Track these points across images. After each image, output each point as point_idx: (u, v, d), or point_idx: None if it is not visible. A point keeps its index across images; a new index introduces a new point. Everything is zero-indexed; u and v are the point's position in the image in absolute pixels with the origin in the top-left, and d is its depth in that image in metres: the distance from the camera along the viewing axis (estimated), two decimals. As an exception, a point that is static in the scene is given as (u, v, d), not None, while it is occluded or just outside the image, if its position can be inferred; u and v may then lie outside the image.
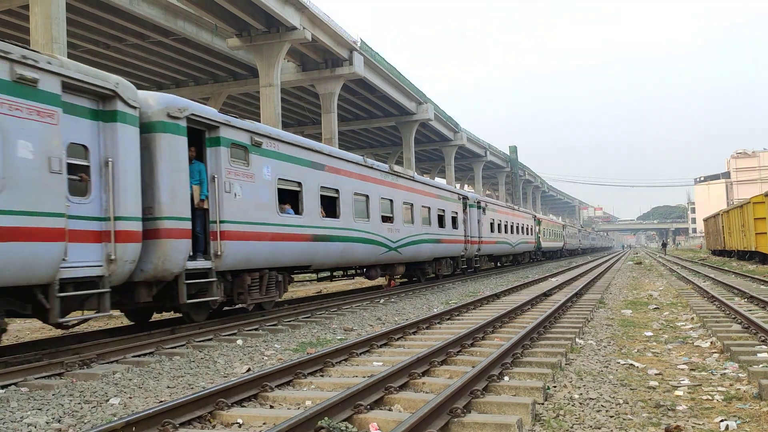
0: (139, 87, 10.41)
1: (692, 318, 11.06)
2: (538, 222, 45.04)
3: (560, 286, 17.77)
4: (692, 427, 4.77)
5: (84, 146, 7.99)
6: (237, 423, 4.96)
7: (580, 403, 5.35)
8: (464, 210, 24.64)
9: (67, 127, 7.66)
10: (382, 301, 15.09)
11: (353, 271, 17.15)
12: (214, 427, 4.97)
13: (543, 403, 5.35)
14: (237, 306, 11.68)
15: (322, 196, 13.31)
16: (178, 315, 11.24)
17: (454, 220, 23.03)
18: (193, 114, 9.62)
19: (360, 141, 61.07)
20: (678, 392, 5.81)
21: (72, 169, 7.78)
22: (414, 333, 9.45)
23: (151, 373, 7.05)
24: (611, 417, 4.99)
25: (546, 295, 14.93)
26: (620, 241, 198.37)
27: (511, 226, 33.84)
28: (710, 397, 5.61)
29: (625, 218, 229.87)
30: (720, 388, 5.91)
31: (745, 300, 13.19)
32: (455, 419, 4.68)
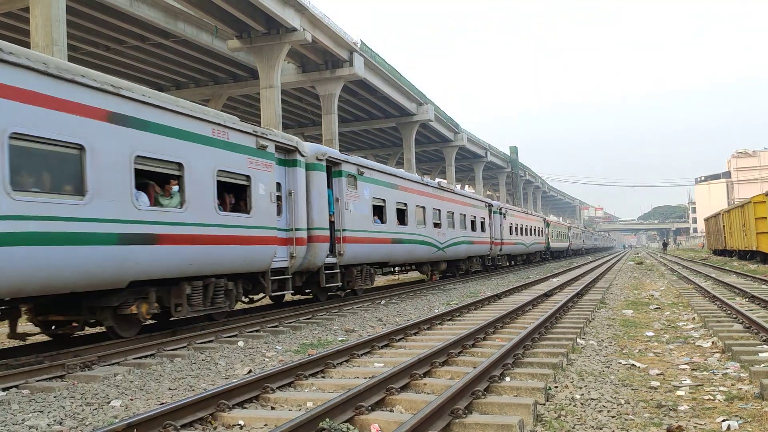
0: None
1: (693, 318, 11.05)
2: (548, 224, 49.12)
3: (561, 287, 17.76)
4: (694, 427, 4.76)
5: (279, 183, 12.00)
6: (238, 424, 4.96)
7: (582, 404, 5.35)
8: (489, 215, 29.07)
9: (276, 172, 11.67)
10: (383, 302, 15.09)
11: (409, 267, 21.48)
12: (215, 428, 4.97)
13: (544, 404, 5.34)
14: (311, 294, 15.14)
15: (396, 209, 17.39)
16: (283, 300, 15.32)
17: (482, 224, 27.49)
18: (329, 156, 13.84)
19: (360, 142, 61.05)
20: (679, 392, 5.81)
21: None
22: (415, 334, 9.45)
23: (152, 374, 7.05)
24: (613, 417, 4.99)
25: (547, 295, 14.93)
26: (621, 241, 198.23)
27: (526, 229, 38.01)
28: (712, 397, 5.60)
29: (625, 218, 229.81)
30: (721, 388, 5.90)
31: (747, 300, 13.18)
32: (456, 420, 4.68)
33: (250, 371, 7.17)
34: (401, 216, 17.90)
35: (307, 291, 14.63)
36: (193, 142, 9.41)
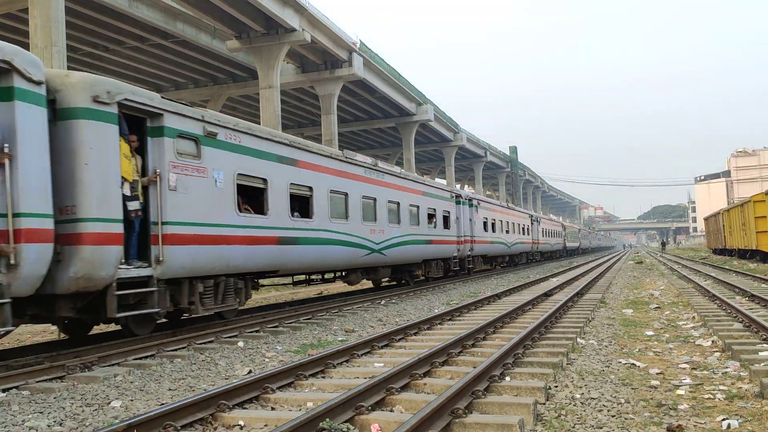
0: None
1: (693, 317, 11.06)
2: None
3: (561, 286, 17.76)
4: (694, 426, 4.76)
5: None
6: (238, 425, 4.96)
7: (582, 403, 5.35)
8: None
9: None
10: (383, 302, 15.08)
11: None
12: (215, 429, 4.97)
13: (545, 403, 5.35)
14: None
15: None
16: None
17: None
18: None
19: (360, 142, 61.08)
20: (679, 391, 5.81)
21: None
22: (415, 334, 9.45)
23: (152, 375, 7.05)
24: (613, 416, 4.99)
25: (547, 295, 14.93)
26: (621, 240, 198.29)
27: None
28: (712, 396, 5.60)
29: (625, 218, 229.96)
30: (722, 387, 5.90)
31: (747, 299, 13.18)
32: (457, 420, 4.68)
33: (250, 371, 7.16)
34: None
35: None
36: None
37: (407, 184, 18.61)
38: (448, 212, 22.31)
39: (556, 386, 5.94)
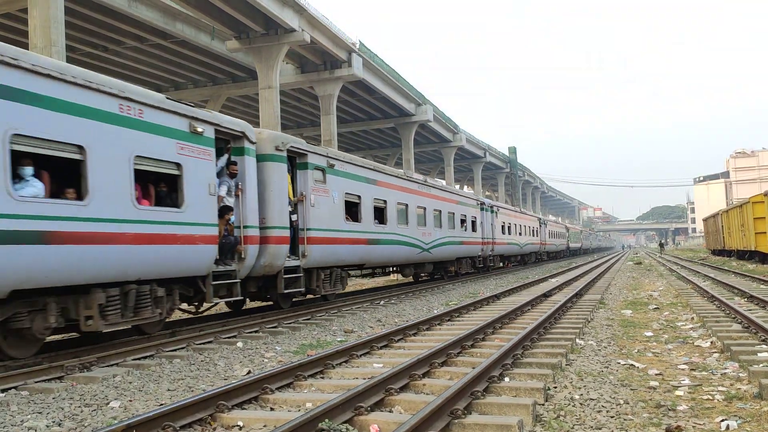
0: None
1: (692, 318, 11.06)
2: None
3: (560, 287, 17.77)
4: (693, 427, 4.76)
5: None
6: (237, 425, 4.96)
7: (581, 404, 5.35)
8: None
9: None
10: (382, 302, 15.09)
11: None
12: (214, 429, 4.97)
13: (544, 404, 5.35)
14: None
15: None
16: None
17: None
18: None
19: (359, 143, 61.07)
20: (678, 392, 5.81)
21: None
22: (414, 334, 9.45)
23: (151, 376, 7.04)
24: (612, 417, 4.99)
25: (546, 295, 14.93)
26: (620, 241, 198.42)
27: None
28: (711, 397, 5.61)
29: (624, 218, 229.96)
30: (720, 388, 5.91)
31: (745, 299, 13.19)
32: (456, 420, 4.68)
33: (249, 372, 7.16)
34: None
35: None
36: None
37: (445, 195, 22.81)
38: (475, 217, 26.50)
39: (555, 387, 5.95)
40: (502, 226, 31.95)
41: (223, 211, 10.20)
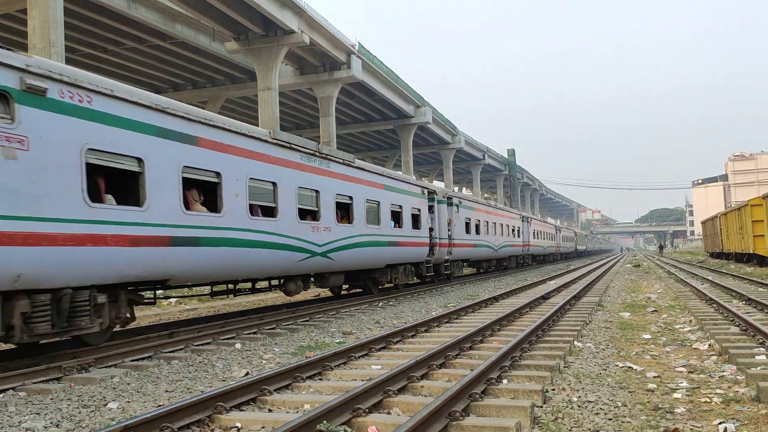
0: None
1: (690, 320, 11.07)
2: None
3: (558, 289, 17.78)
4: (690, 429, 4.77)
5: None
6: (236, 427, 4.96)
7: (579, 406, 5.35)
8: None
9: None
10: (380, 304, 15.08)
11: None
12: (212, 430, 4.96)
13: (542, 406, 5.35)
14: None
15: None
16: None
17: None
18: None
19: (358, 144, 61.09)
20: (676, 395, 5.82)
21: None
22: (412, 336, 9.45)
23: (149, 377, 7.04)
24: (610, 420, 4.99)
25: (544, 298, 14.94)
26: (618, 243, 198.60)
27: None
28: (708, 400, 5.61)
29: (623, 221, 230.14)
30: (718, 391, 5.91)
31: (743, 302, 13.20)
32: (454, 422, 4.68)
33: (247, 373, 7.16)
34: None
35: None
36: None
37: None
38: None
39: (553, 389, 5.95)
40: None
41: (431, 230, 20.78)
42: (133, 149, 8.58)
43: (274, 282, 13.29)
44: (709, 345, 8.42)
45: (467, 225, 26.06)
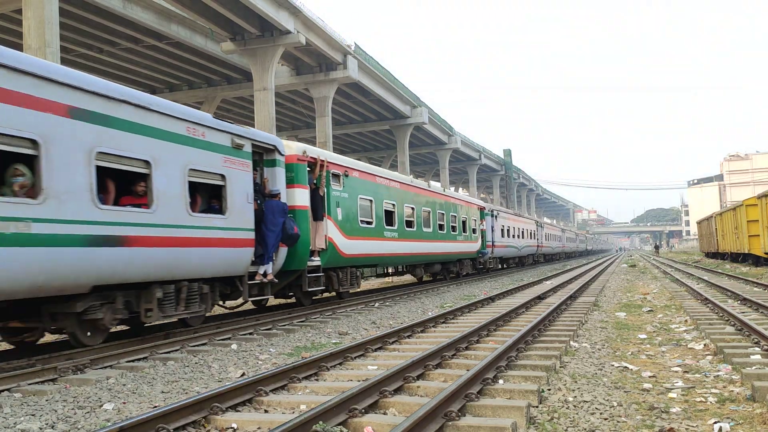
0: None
1: (686, 320, 11.10)
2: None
3: (555, 289, 17.80)
4: (686, 429, 4.78)
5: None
6: (231, 428, 4.95)
7: (575, 406, 5.36)
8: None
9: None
10: (376, 305, 15.08)
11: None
12: (208, 431, 4.96)
13: (537, 406, 5.36)
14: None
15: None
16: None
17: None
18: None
19: (354, 145, 61.09)
20: (672, 394, 5.83)
21: None
22: (409, 336, 9.45)
23: (145, 378, 7.02)
24: (605, 419, 5.00)
25: (540, 298, 14.96)
26: (614, 243, 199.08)
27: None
28: (704, 399, 5.63)
29: (619, 221, 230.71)
30: (713, 390, 5.93)
31: (739, 302, 13.24)
32: (450, 423, 4.69)
33: (243, 374, 7.15)
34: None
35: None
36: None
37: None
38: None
39: (549, 389, 5.96)
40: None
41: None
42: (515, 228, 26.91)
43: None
44: (705, 345, 8.44)
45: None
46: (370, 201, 16.21)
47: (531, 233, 42.73)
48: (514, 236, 36.23)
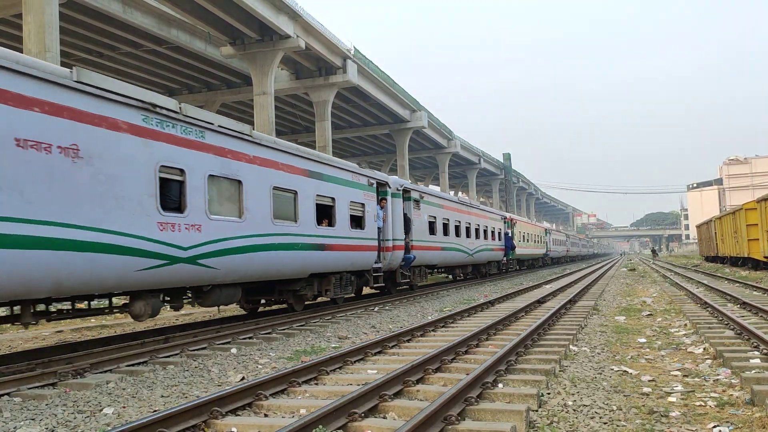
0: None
1: (685, 324, 11.10)
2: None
3: (554, 293, 17.81)
4: (685, 433, 4.79)
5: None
6: (231, 432, 4.96)
7: (574, 410, 5.37)
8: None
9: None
10: (376, 309, 15.09)
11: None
12: (208, 436, 4.96)
13: (537, 410, 5.36)
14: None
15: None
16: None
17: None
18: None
19: (354, 149, 61.13)
20: (671, 398, 5.84)
21: None
22: (408, 341, 9.45)
23: (144, 382, 7.03)
24: (605, 423, 5.01)
25: (540, 302, 14.96)
26: (617, 248, 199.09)
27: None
28: (703, 403, 5.63)
29: (618, 225, 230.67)
30: (713, 394, 5.93)
31: (738, 306, 13.25)
32: (450, 427, 4.69)
33: (243, 378, 7.15)
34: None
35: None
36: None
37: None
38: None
39: (549, 393, 5.96)
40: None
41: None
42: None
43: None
44: (704, 349, 8.44)
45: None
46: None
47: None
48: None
